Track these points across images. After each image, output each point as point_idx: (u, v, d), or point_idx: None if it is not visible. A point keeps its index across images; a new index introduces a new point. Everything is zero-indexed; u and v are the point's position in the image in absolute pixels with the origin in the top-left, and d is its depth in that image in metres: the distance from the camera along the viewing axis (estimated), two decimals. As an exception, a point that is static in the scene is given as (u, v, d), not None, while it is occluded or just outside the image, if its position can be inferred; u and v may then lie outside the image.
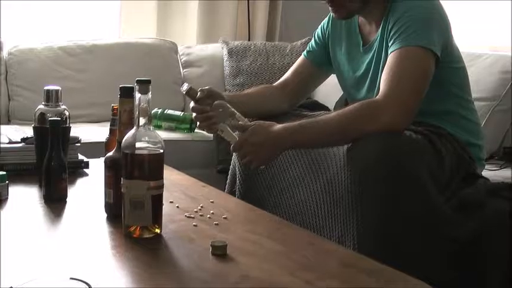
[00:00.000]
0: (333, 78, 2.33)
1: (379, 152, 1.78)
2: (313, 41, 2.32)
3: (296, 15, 4.35)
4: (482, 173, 2.15)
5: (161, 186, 1.52)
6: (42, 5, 3.89)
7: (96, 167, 2.11)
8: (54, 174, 1.79)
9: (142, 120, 1.50)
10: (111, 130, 1.87)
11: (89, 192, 1.93)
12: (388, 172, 1.77)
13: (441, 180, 1.92)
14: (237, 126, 1.94)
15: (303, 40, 3.95)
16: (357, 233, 1.83)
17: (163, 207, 1.55)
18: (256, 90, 2.32)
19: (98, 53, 3.73)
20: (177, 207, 1.78)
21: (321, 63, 2.30)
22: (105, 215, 1.67)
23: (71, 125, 2.01)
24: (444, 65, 1.97)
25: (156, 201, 1.51)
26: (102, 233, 1.59)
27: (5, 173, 1.87)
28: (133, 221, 1.50)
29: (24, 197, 1.88)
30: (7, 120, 3.50)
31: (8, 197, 1.85)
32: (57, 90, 2.01)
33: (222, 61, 3.92)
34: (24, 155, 2.09)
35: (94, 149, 2.26)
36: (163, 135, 1.61)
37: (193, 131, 3.34)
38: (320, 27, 2.31)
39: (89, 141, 2.56)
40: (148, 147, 1.51)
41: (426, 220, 1.82)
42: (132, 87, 1.55)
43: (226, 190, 2.30)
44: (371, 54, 2.09)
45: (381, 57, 2.03)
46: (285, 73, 2.39)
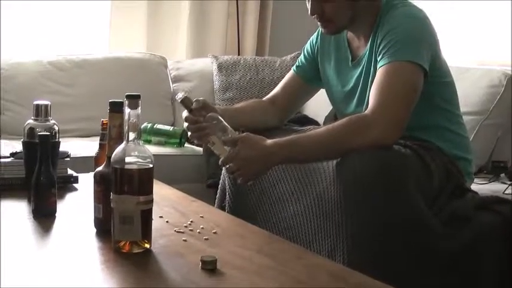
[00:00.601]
0: (322, 93, 2.34)
1: (368, 166, 1.78)
2: (302, 56, 2.33)
3: (285, 30, 4.37)
4: (471, 186, 2.16)
5: (151, 201, 1.52)
6: (32, 19, 3.88)
7: (86, 182, 2.10)
8: (43, 189, 1.79)
9: (131, 135, 1.50)
10: (100, 145, 1.87)
11: (78, 207, 1.92)
12: (378, 186, 1.77)
13: (430, 194, 1.93)
14: (228, 141, 1.95)
15: (293, 55, 3.96)
16: (347, 247, 1.83)
17: (152, 222, 1.54)
18: (246, 105, 2.33)
19: (88, 67, 3.72)
20: (167, 222, 1.77)
21: (310, 78, 2.31)
22: (95, 230, 1.67)
23: (60, 139, 2.01)
24: (432, 79, 1.98)
25: (146, 216, 1.51)
26: (92, 248, 1.59)
27: (-7, 188, 1.86)
28: (122, 236, 1.50)
29: (13, 212, 1.87)
30: (-4, 134, 3.48)
31: (-4, 212, 1.84)
32: (46, 105, 2.01)
33: (212, 76, 3.92)
34: (13, 170, 2.08)
35: (83, 164, 2.26)
36: (153, 149, 1.60)
37: (183, 146, 3.34)
38: (309, 42, 2.32)
39: (79, 156, 2.56)
40: (137, 162, 1.51)
41: (416, 234, 1.83)
42: (122, 102, 1.55)
43: (216, 205, 2.30)
44: (360, 69, 2.10)
45: (370, 72, 2.04)
46: (274, 88, 2.40)
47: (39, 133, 1.83)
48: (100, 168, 1.65)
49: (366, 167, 1.79)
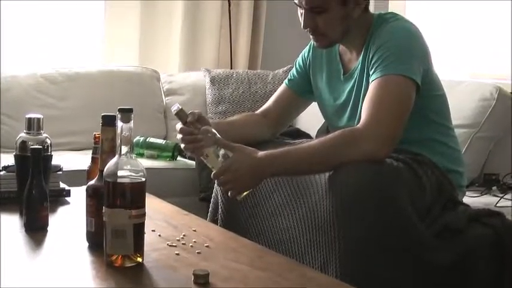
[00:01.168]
0: (315, 106, 2.34)
1: (361, 179, 1.78)
2: (294, 69, 2.34)
3: (278, 43, 4.38)
4: (463, 199, 2.16)
5: (143, 215, 1.52)
6: (25, 32, 3.88)
7: (78, 196, 2.09)
8: (35, 203, 1.78)
9: (124, 149, 1.50)
10: (93, 158, 1.87)
11: (70, 221, 1.92)
12: (370, 199, 1.77)
13: (422, 207, 1.93)
14: (221, 154, 1.94)
15: (285, 68, 3.97)
16: (340, 260, 1.83)
17: (145, 235, 1.54)
18: (239, 118, 2.33)
19: (80, 80, 3.72)
20: (159, 235, 1.77)
21: (302, 91, 2.31)
22: (87, 244, 1.66)
23: (52, 153, 2.01)
24: (424, 93, 1.99)
25: (138, 230, 1.51)
26: (84, 262, 1.58)
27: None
28: (115, 250, 1.50)
29: (5, 226, 1.86)
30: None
31: (-12, 226, 1.83)
32: (38, 119, 2.01)
33: (204, 89, 3.92)
34: (5, 183, 2.08)
35: (76, 177, 2.25)
36: (145, 163, 1.61)
37: (176, 159, 3.33)
38: (301, 55, 2.33)
39: (71, 170, 2.55)
40: (130, 176, 1.51)
41: (408, 247, 1.83)
42: (114, 116, 1.55)
43: (208, 218, 2.30)
44: (352, 82, 2.11)
45: (362, 86, 2.05)
46: (267, 101, 2.40)
47: (32, 146, 1.83)
48: (92, 181, 1.65)
49: (359, 180, 1.79)
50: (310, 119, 3.00)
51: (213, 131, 1.98)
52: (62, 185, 2.20)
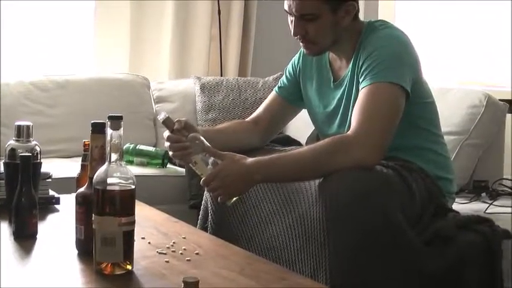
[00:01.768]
0: (305, 114, 2.35)
1: (351, 187, 1.79)
2: (284, 76, 2.34)
3: (268, 51, 4.39)
4: (453, 206, 2.17)
5: (133, 222, 1.52)
6: (15, 39, 3.88)
7: (67, 203, 2.09)
8: (24, 210, 1.78)
9: (114, 156, 1.50)
10: (82, 166, 1.86)
11: (59, 229, 1.91)
12: (360, 207, 1.78)
13: (412, 214, 1.93)
14: (211, 162, 1.94)
15: (275, 75, 3.98)
16: (329, 267, 1.83)
17: (135, 243, 1.54)
18: (229, 125, 2.33)
19: (70, 88, 3.70)
20: (149, 243, 1.77)
21: (292, 98, 2.31)
22: (76, 252, 1.66)
23: (42, 160, 2.00)
24: (414, 100, 1.99)
25: (128, 238, 1.50)
26: (73, 270, 1.58)
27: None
28: (104, 257, 1.49)
29: (-6, 234, 1.86)
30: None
31: (-23, 234, 1.83)
32: (28, 126, 2.00)
33: (194, 96, 3.92)
34: (-6, 191, 2.07)
35: (65, 185, 2.25)
36: (135, 170, 1.61)
37: (165, 166, 3.33)
38: (291, 63, 2.33)
39: (60, 177, 2.54)
40: (119, 183, 1.50)
41: (398, 254, 1.83)
42: (104, 123, 1.55)
43: (198, 226, 2.29)
44: (342, 89, 2.11)
45: (352, 93, 2.05)
46: (257, 108, 2.40)
47: (21, 154, 1.83)
48: (82, 189, 1.65)
49: (349, 187, 1.79)
50: (300, 126, 3.01)
51: (201, 138, 1.99)
52: (51, 193, 2.19)
